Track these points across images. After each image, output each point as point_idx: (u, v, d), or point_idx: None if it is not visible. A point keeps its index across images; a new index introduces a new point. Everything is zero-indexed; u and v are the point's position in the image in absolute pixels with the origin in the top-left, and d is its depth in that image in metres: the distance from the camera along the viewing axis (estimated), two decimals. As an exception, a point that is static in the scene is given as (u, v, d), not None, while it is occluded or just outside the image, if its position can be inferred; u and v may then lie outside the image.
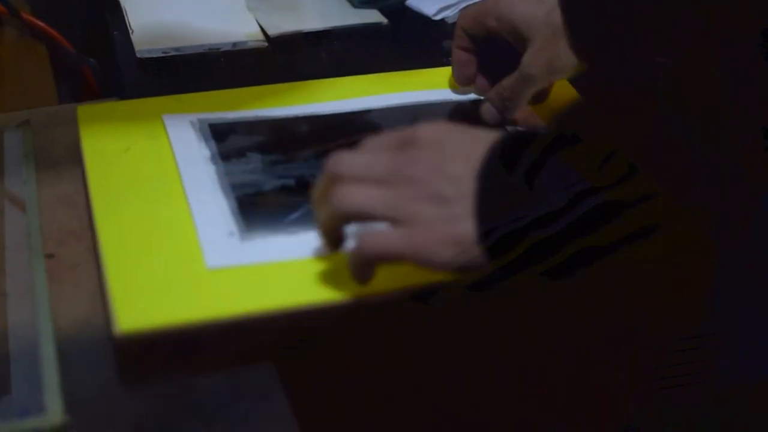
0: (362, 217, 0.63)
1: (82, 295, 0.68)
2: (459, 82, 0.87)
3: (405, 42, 1.00)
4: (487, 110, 0.84)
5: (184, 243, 0.70)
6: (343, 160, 0.64)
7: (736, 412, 0.76)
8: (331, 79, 0.90)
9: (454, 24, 1.02)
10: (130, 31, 0.96)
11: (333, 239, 0.66)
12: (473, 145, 0.62)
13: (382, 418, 0.73)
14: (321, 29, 1.00)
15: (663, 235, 0.60)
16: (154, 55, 0.94)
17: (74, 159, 0.80)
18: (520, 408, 0.77)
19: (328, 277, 0.68)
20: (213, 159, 0.78)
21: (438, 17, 1.03)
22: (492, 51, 0.86)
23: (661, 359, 0.76)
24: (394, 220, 0.62)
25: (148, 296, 0.65)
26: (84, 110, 0.84)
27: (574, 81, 0.84)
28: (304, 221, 0.72)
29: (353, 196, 0.62)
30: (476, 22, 0.83)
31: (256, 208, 0.73)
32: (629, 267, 0.69)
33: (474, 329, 0.71)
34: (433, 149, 0.63)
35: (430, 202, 0.61)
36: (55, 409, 0.59)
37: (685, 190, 0.59)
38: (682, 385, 0.77)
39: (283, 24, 1.00)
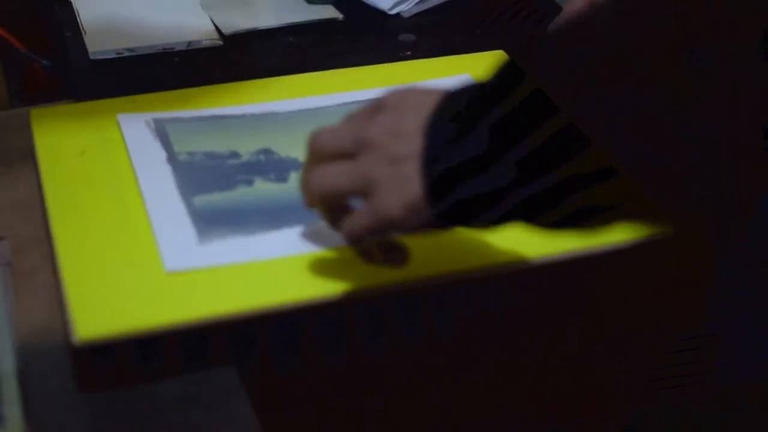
0: (336, 197, 0.63)
1: (40, 303, 0.68)
2: None
3: (361, 37, 1.00)
4: None
5: (142, 247, 0.70)
6: (317, 136, 0.64)
7: (736, 412, 0.77)
8: (287, 77, 0.89)
9: (410, 18, 1.02)
10: (83, 32, 0.95)
11: (328, 218, 0.65)
12: (427, 101, 0.61)
13: (360, 422, 0.74)
14: (276, 26, 0.99)
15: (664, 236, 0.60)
16: (108, 56, 0.93)
17: (29, 163, 0.79)
18: (520, 408, 0.77)
19: (288, 278, 0.68)
20: (169, 160, 0.77)
21: (393, 11, 1.03)
22: None
23: (661, 359, 0.77)
24: (362, 193, 0.62)
25: (106, 303, 0.65)
26: (38, 113, 0.83)
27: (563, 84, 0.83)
28: (262, 219, 0.72)
29: (322, 178, 0.63)
30: None
31: (213, 210, 0.73)
32: (629, 267, 0.70)
33: (472, 329, 0.72)
34: (392, 110, 0.62)
35: (388, 164, 0.60)
36: (14, 421, 0.59)
37: (685, 191, 0.59)
38: (682, 385, 0.78)
39: (237, 21, 0.99)
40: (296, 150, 0.79)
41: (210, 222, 0.72)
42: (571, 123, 0.55)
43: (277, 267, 0.69)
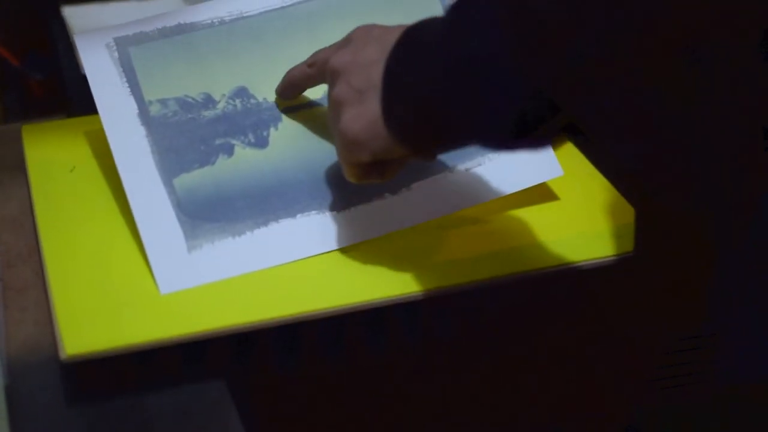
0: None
1: (31, 319, 0.67)
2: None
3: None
4: None
5: (131, 263, 0.69)
6: (289, 72, 0.75)
7: (736, 412, 0.77)
8: None
9: None
10: (75, 47, 0.95)
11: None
12: (391, 34, 0.65)
13: (360, 422, 0.74)
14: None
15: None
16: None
17: (22, 179, 0.78)
18: (521, 408, 0.77)
19: (282, 292, 0.67)
20: (141, 115, 0.74)
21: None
22: None
23: (661, 359, 0.77)
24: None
25: (95, 319, 0.64)
26: (29, 129, 0.82)
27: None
28: (247, 209, 0.71)
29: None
30: None
31: (196, 196, 0.71)
32: (629, 267, 0.71)
33: (472, 330, 0.72)
34: (357, 41, 0.67)
35: (352, 90, 0.65)
36: (2, 437, 0.58)
37: (686, 191, 0.59)
38: (682, 385, 0.78)
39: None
40: (272, 87, 0.76)
41: (195, 216, 0.70)
42: None
43: (270, 279, 0.68)
